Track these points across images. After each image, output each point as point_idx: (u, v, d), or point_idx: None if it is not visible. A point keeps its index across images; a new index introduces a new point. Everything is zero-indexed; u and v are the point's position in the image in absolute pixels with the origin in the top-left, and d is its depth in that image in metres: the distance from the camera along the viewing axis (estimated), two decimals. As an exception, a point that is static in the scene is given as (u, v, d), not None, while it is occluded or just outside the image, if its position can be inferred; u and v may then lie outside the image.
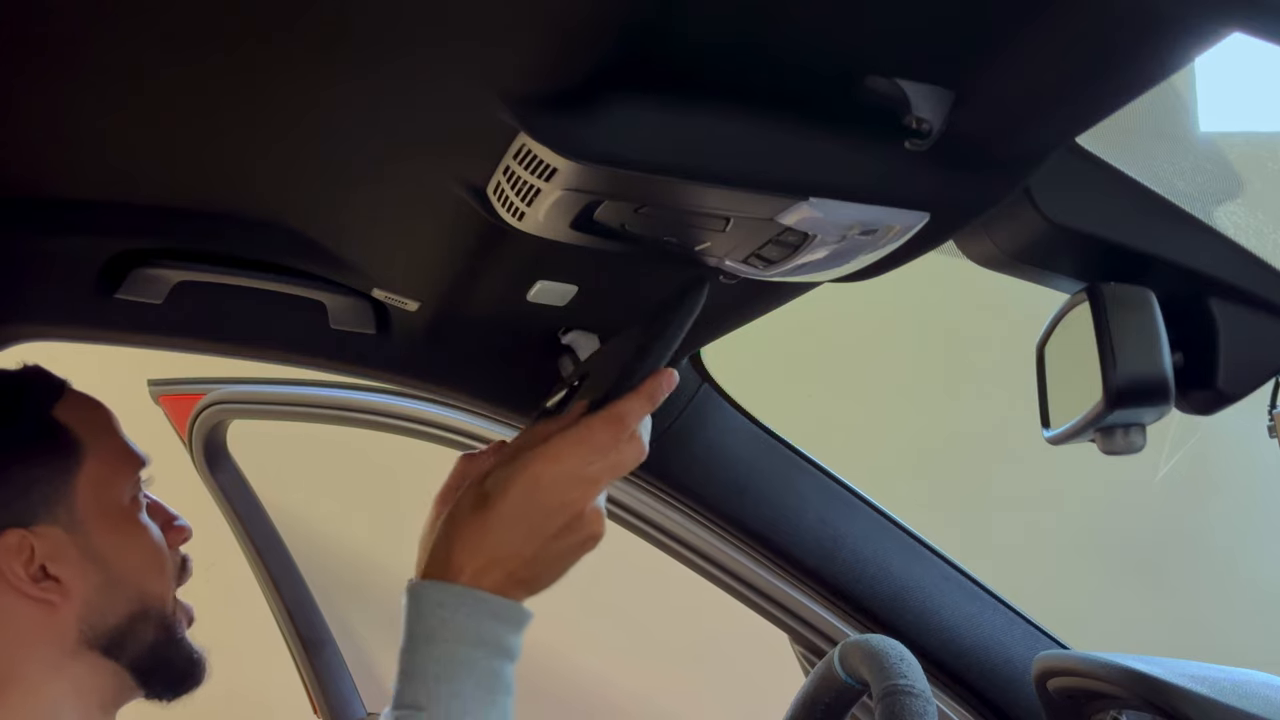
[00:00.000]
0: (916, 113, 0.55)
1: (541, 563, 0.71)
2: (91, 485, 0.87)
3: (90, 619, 0.85)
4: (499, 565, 0.69)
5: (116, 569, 0.86)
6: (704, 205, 0.60)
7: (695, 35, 0.51)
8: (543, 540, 0.70)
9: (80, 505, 0.86)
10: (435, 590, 0.70)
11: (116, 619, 0.86)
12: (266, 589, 1.82)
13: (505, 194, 0.63)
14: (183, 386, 1.67)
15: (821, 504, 1.22)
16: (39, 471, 0.85)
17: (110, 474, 0.89)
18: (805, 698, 1.02)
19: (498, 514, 0.70)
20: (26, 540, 0.83)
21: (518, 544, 0.70)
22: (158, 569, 0.90)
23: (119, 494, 0.89)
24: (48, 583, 0.83)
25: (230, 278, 0.95)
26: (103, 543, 0.86)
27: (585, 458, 0.70)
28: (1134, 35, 0.49)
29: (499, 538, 0.69)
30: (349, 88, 0.60)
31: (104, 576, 0.86)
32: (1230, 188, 0.82)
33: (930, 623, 1.20)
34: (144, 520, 0.90)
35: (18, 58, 0.59)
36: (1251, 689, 0.84)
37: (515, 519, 0.70)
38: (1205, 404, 0.78)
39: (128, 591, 0.87)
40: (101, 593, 0.86)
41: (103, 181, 0.80)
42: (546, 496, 0.70)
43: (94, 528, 0.86)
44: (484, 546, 0.70)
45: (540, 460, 0.70)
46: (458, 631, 0.69)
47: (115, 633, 0.86)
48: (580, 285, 0.86)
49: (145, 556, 0.89)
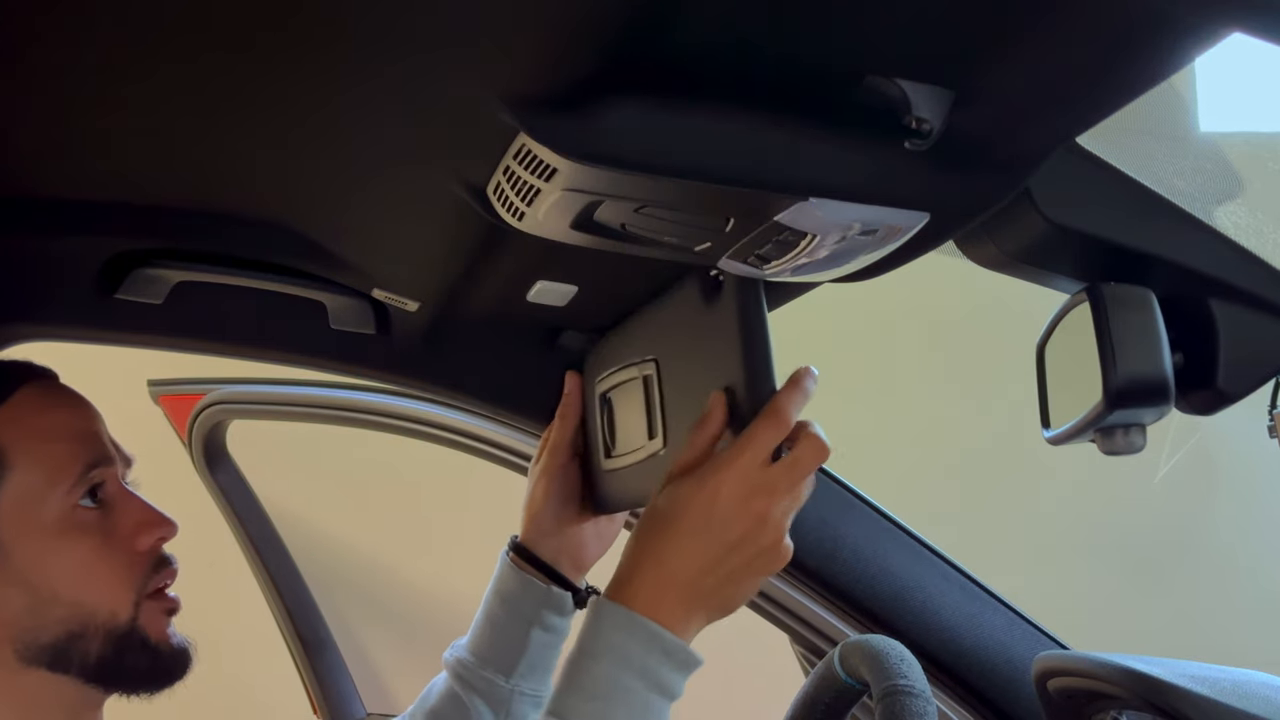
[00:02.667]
0: (916, 113, 0.55)
1: (727, 579, 0.71)
2: (14, 503, 0.82)
3: (23, 639, 0.82)
4: (683, 586, 0.70)
5: (45, 588, 0.82)
6: (704, 205, 0.60)
7: (695, 35, 0.51)
8: (724, 552, 0.70)
9: (2, 525, 0.81)
10: (615, 613, 0.71)
11: (51, 637, 0.82)
12: (266, 589, 1.82)
13: (505, 194, 0.63)
14: (183, 386, 1.67)
15: (822, 504, 1.21)
16: None
17: (39, 487, 0.83)
18: (805, 698, 1.02)
19: (679, 532, 0.71)
20: None
21: (700, 560, 0.70)
22: (98, 582, 0.84)
23: (49, 508, 0.83)
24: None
25: (230, 278, 0.95)
26: (27, 563, 0.82)
27: (758, 463, 0.70)
28: (1134, 35, 0.49)
29: (682, 558, 0.70)
30: (348, 88, 0.59)
31: (31, 598, 0.82)
32: (1230, 188, 0.82)
33: (930, 623, 1.20)
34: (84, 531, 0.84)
35: (17, 57, 0.59)
36: (1251, 689, 0.84)
37: (697, 535, 0.70)
38: (1205, 404, 0.78)
39: (59, 611, 0.82)
40: (30, 614, 0.82)
41: (103, 181, 0.80)
42: (727, 509, 0.70)
43: (16, 548, 0.81)
44: (666, 568, 0.70)
45: (717, 472, 0.70)
46: (625, 658, 0.70)
47: (53, 650, 0.82)
48: (580, 285, 0.86)
49: (80, 572, 0.83)
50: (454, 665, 0.99)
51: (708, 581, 0.71)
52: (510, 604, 0.98)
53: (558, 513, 0.99)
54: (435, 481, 2.27)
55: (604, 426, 0.96)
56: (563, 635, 0.99)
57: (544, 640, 0.98)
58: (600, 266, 0.80)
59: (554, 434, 1.01)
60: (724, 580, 0.71)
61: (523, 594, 0.97)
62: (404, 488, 2.32)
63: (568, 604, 0.99)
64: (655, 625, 0.70)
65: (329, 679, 1.86)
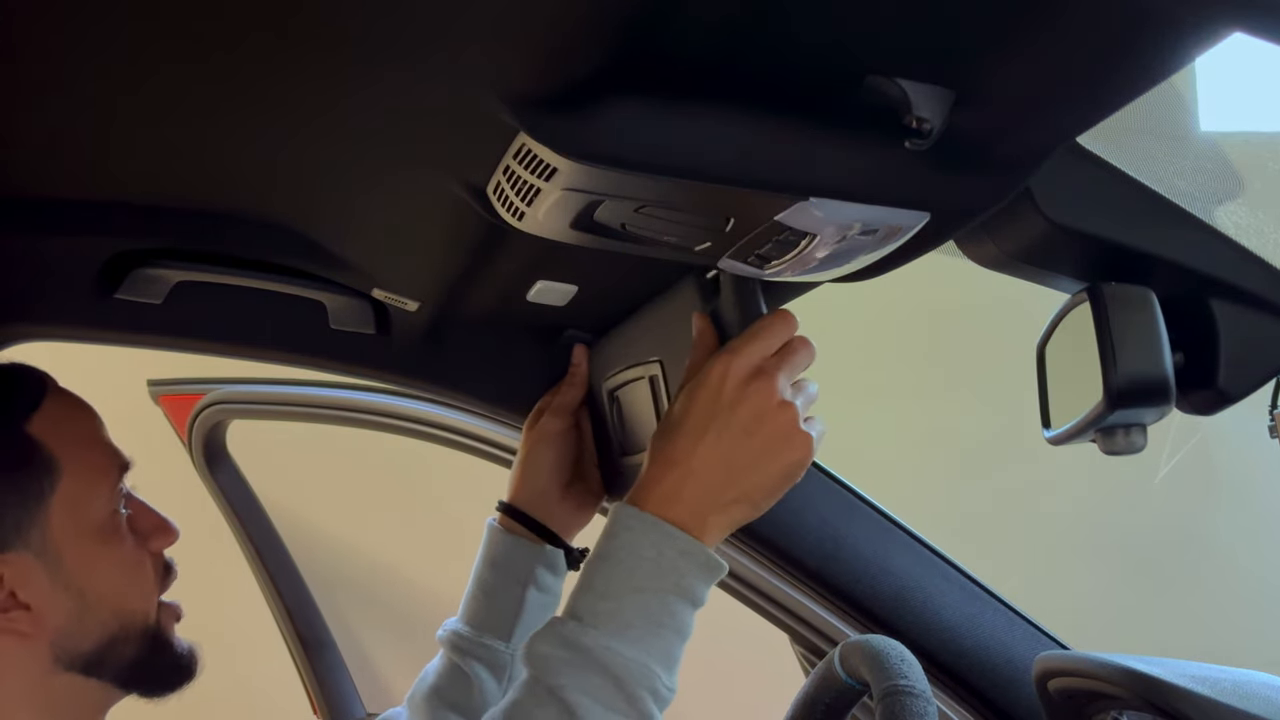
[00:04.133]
0: (917, 113, 0.55)
1: (747, 468, 0.69)
2: (66, 507, 0.82)
3: (65, 644, 0.82)
4: (699, 484, 0.69)
5: (92, 593, 0.82)
6: (704, 205, 0.60)
7: (695, 35, 0.51)
8: (736, 438, 0.69)
9: (54, 529, 0.81)
10: (628, 514, 0.70)
11: (93, 643, 0.83)
12: (266, 589, 1.82)
13: (505, 194, 0.63)
14: (183, 386, 1.67)
15: (823, 504, 1.21)
16: (10, 495, 0.80)
17: (87, 492, 0.83)
18: (805, 698, 1.02)
19: (687, 430, 0.70)
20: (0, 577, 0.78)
21: (713, 452, 0.69)
22: (137, 586, 0.85)
23: (96, 513, 0.84)
24: (17, 611, 0.79)
25: (230, 278, 0.95)
26: (77, 567, 0.82)
27: (761, 350, 0.71)
28: (1134, 35, 0.49)
29: (695, 455, 0.69)
30: (349, 88, 0.59)
31: (78, 602, 0.82)
32: (1230, 188, 0.82)
33: (931, 623, 1.20)
34: (123, 535, 0.85)
35: (17, 56, 0.59)
36: (1251, 689, 0.84)
37: (706, 427, 0.70)
38: (1206, 404, 0.78)
39: (104, 615, 0.83)
40: (76, 618, 0.82)
41: (103, 181, 0.80)
42: (732, 392, 0.69)
43: (68, 552, 0.81)
44: (680, 469, 0.69)
45: (719, 360, 0.71)
46: (638, 557, 0.69)
47: (93, 655, 0.83)
48: (580, 285, 0.86)
49: (123, 576, 0.85)
50: (450, 639, 0.98)
51: (725, 475, 0.69)
52: (501, 567, 0.97)
53: (552, 474, 0.99)
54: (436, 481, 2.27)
55: (615, 422, 0.97)
56: (557, 596, 0.99)
57: (539, 601, 0.97)
58: (600, 266, 0.80)
59: (558, 398, 1.01)
60: (743, 470, 0.70)
61: (514, 555, 0.97)
62: (404, 487, 2.32)
63: (560, 562, 0.99)
64: (669, 525, 0.69)
65: (329, 679, 1.86)
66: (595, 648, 0.66)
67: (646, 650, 0.67)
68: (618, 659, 0.66)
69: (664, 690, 0.67)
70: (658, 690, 0.67)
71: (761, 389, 0.70)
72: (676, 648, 0.69)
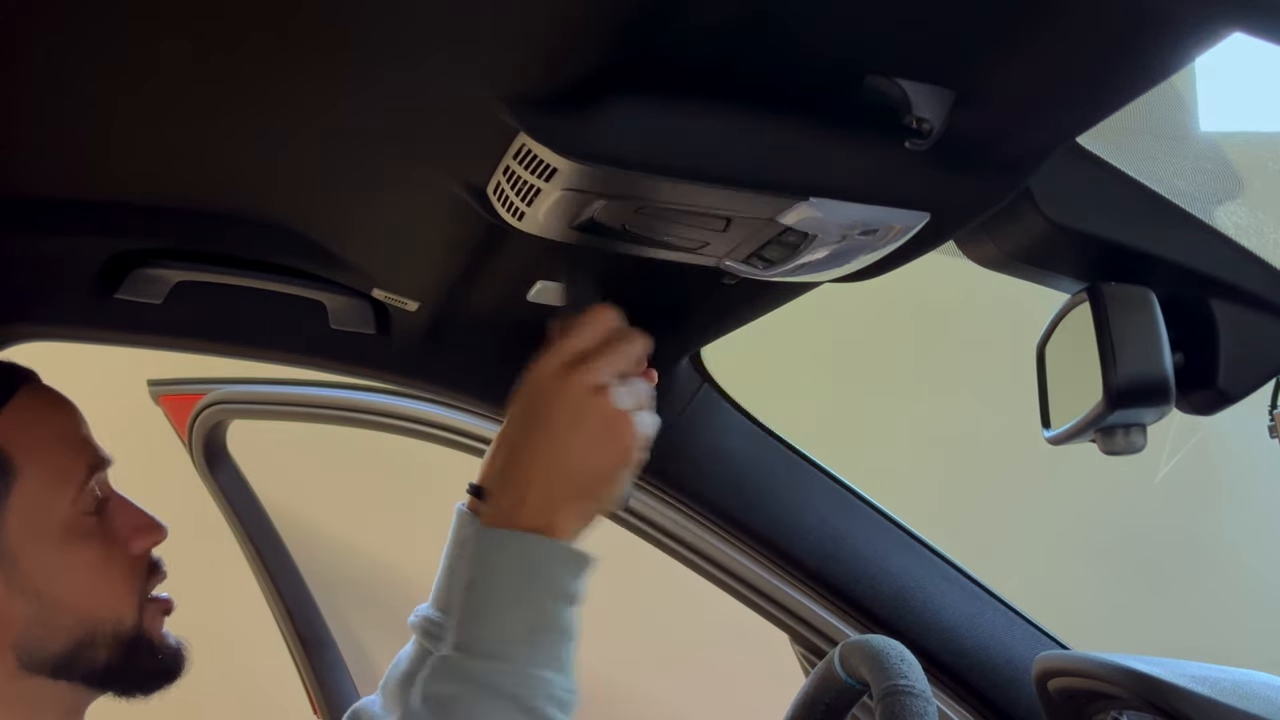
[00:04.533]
0: (917, 113, 0.55)
1: (574, 463, 0.69)
2: (22, 510, 0.79)
3: (27, 648, 0.80)
4: (537, 484, 0.70)
5: (52, 598, 0.80)
6: (704, 205, 0.60)
7: (695, 35, 0.51)
8: (560, 437, 0.69)
9: (9, 532, 0.78)
10: (481, 535, 0.71)
11: (59, 646, 0.81)
12: (266, 589, 1.82)
13: (505, 194, 0.63)
14: (183, 386, 1.67)
15: (822, 504, 1.22)
16: None
17: (47, 495, 0.81)
18: (805, 698, 1.02)
19: (516, 434, 0.71)
20: None
21: (543, 452, 0.70)
22: (107, 588, 0.83)
23: (56, 516, 0.81)
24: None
25: (230, 278, 0.95)
26: (35, 571, 0.79)
27: (573, 345, 0.71)
28: (1134, 35, 0.49)
29: (529, 457, 0.70)
30: (349, 89, 0.59)
31: (38, 606, 0.80)
32: (1230, 188, 0.82)
33: (931, 623, 1.20)
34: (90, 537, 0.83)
35: (17, 56, 0.59)
36: (1251, 689, 0.84)
37: (530, 428, 0.71)
38: (1206, 404, 0.78)
39: (67, 620, 0.81)
40: (37, 624, 0.80)
41: (103, 181, 0.80)
42: (548, 390, 0.70)
43: (25, 556, 0.79)
44: (515, 473, 0.71)
45: (538, 363, 0.72)
46: (500, 571, 0.69)
47: (60, 659, 0.81)
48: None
49: (89, 579, 0.82)
50: (421, 624, 0.97)
51: (561, 471, 0.70)
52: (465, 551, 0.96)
53: None
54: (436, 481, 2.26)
55: None
56: None
57: None
58: (600, 266, 0.80)
59: None
60: (575, 464, 0.70)
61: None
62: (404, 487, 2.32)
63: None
64: (522, 533, 0.69)
65: (329, 679, 1.86)
66: (483, 674, 0.66)
67: (533, 661, 0.67)
68: (508, 680, 0.66)
69: (562, 694, 0.67)
70: (555, 696, 0.67)
71: (575, 382, 0.70)
72: (564, 649, 0.68)
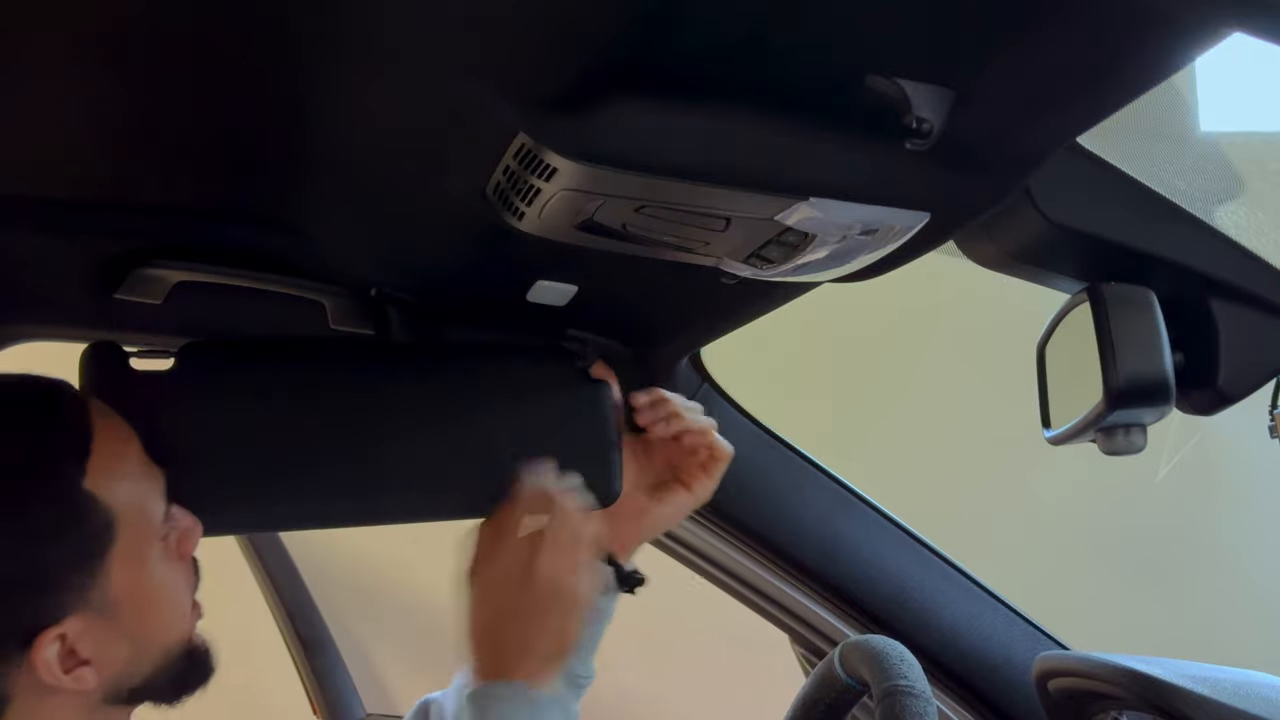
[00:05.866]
0: (917, 112, 0.55)
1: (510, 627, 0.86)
2: (124, 561, 0.77)
3: (116, 684, 0.79)
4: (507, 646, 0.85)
5: (146, 637, 0.80)
6: (704, 205, 0.60)
7: (695, 35, 0.51)
8: (499, 607, 0.86)
9: (114, 583, 0.77)
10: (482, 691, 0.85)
11: (142, 678, 0.81)
12: (266, 589, 1.82)
13: (505, 194, 0.63)
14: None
15: (822, 504, 1.22)
16: (70, 560, 0.75)
17: (142, 541, 0.79)
18: (805, 698, 1.02)
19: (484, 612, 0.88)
20: (61, 638, 0.75)
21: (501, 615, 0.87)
22: (181, 610, 0.83)
23: (149, 554, 0.80)
24: (80, 670, 0.76)
25: (230, 278, 0.95)
26: (133, 618, 0.78)
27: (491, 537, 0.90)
28: (1134, 35, 0.49)
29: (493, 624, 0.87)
30: (348, 87, 0.59)
31: (134, 648, 0.79)
32: (1230, 188, 0.82)
33: (930, 623, 1.20)
34: (167, 560, 0.81)
35: (16, 55, 0.59)
36: (1251, 689, 0.84)
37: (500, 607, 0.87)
38: (1206, 404, 0.78)
39: (155, 653, 0.81)
40: (130, 663, 0.79)
41: (103, 181, 0.80)
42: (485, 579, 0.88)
43: (125, 605, 0.78)
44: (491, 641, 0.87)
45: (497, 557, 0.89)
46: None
47: (140, 688, 0.81)
48: (580, 285, 0.86)
49: (173, 608, 0.82)
50: None
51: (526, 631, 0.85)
52: None
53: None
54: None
55: None
56: (606, 615, 0.98)
57: (586, 619, 0.95)
58: (600, 266, 0.80)
59: None
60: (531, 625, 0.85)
61: None
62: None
63: (610, 580, 0.98)
64: (508, 684, 0.83)
65: (329, 679, 1.86)
66: None
67: None
68: None
69: None
70: None
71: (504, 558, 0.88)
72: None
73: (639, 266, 0.72)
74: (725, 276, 0.74)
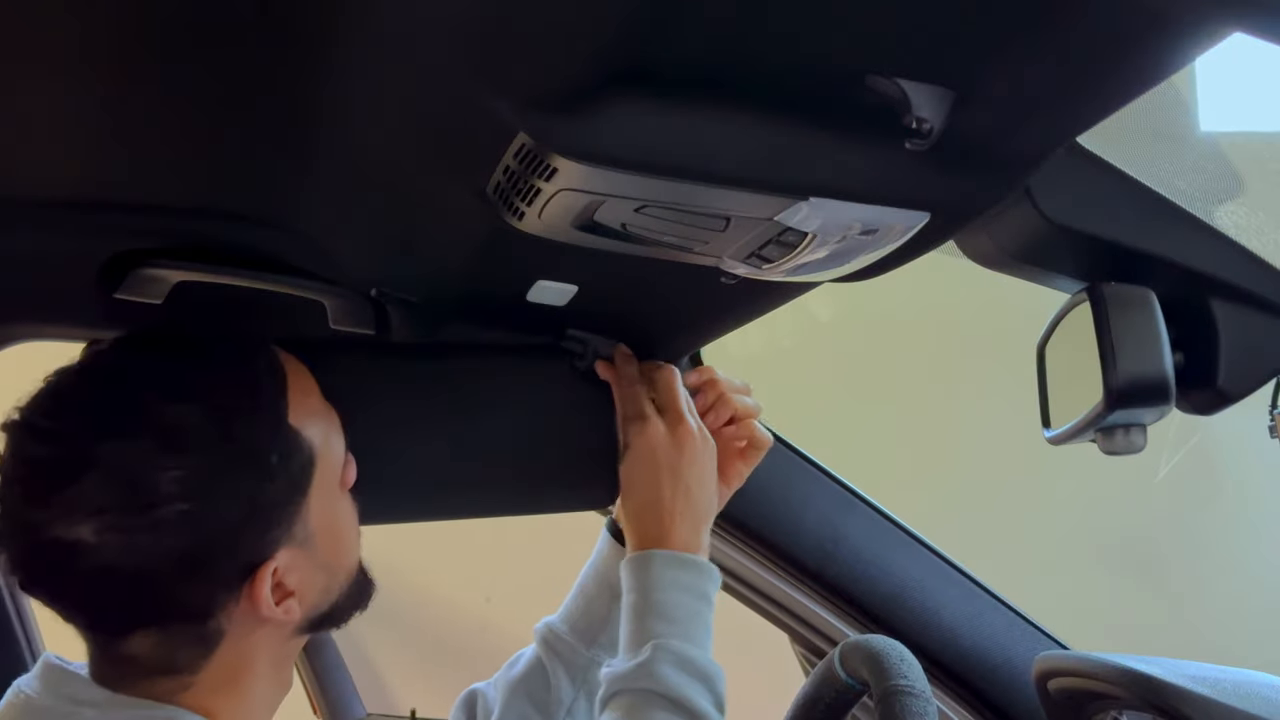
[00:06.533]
0: (917, 113, 0.55)
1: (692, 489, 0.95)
2: (321, 494, 0.81)
3: (311, 613, 0.83)
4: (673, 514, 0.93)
5: (337, 565, 0.84)
6: (704, 205, 0.60)
7: (695, 35, 0.51)
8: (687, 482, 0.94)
9: (313, 519, 0.80)
10: (644, 557, 0.92)
11: (330, 606, 0.84)
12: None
13: (505, 194, 0.63)
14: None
15: (822, 503, 1.22)
16: (285, 494, 0.78)
17: (332, 468, 0.83)
18: (805, 698, 1.02)
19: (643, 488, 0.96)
20: (274, 572, 0.78)
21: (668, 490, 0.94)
22: (358, 536, 0.87)
23: (338, 484, 0.84)
24: (288, 600, 0.79)
25: (230, 278, 0.95)
26: (328, 547, 0.82)
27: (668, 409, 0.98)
28: (1134, 35, 0.49)
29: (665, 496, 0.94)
30: (349, 87, 0.59)
31: (328, 577, 0.83)
32: (1230, 188, 0.82)
33: (930, 623, 1.20)
34: (345, 496, 0.85)
35: (17, 56, 0.59)
36: (1251, 689, 0.84)
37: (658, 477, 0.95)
38: (1206, 404, 0.78)
39: (342, 579, 0.84)
40: (324, 592, 0.83)
41: (103, 181, 0.80)
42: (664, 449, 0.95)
43: (321, 536, 0.81)
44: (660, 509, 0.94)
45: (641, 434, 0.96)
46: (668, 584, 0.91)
47: (328, 614, 0.85)
48: (580, 285, 0.86)
49: (352, 533, 0.86)
50: (543, 632, 1.02)
51: (682, 502, 0.93)
52: (600, 576, 1.02)
53: None
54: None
55: None
56: None
57: None
58: (600, 266, 0.80)
59: None
60: (690, 492, 0.94)
61: (612, 566, 1.00)
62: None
63: None
64: (674, 552, 0.91)
65: (329, 679, 1.86)
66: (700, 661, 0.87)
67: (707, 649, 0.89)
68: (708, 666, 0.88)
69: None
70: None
71: (683, 435, 0.96)
72: None
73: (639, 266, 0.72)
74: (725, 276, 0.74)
